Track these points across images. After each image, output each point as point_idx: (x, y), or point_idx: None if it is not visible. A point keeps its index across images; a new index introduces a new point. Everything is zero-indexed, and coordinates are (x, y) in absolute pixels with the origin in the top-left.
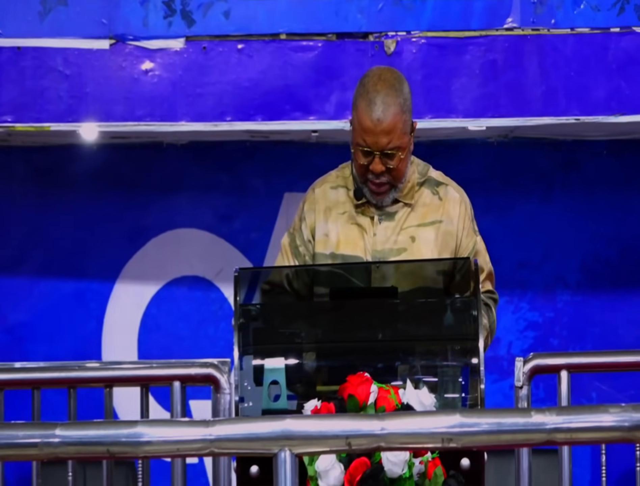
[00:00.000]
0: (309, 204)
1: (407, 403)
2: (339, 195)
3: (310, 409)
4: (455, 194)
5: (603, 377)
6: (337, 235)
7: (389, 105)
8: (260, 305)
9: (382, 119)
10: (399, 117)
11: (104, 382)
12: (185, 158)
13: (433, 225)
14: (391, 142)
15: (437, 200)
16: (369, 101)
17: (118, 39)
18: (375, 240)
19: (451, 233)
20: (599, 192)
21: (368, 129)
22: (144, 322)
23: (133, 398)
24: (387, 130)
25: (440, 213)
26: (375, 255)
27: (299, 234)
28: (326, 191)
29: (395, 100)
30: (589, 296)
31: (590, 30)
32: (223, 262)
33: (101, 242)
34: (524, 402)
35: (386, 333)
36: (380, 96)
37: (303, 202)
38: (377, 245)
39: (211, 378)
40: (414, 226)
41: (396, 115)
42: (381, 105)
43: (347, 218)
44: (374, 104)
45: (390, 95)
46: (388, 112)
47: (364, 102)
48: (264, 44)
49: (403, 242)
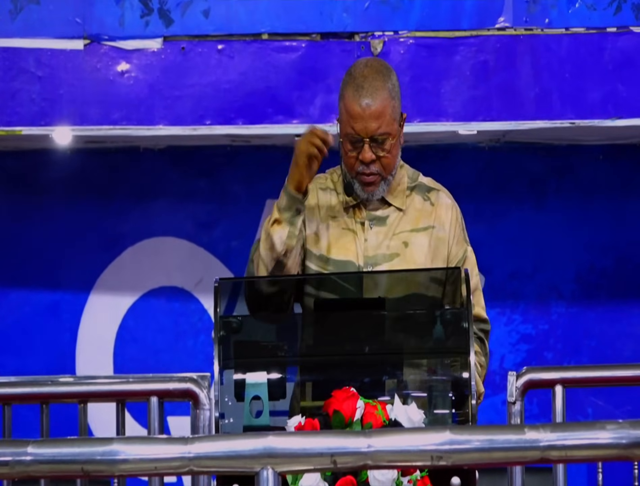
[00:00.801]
0: None
1: (395, 420)
2: (329, 198)
3: (293, 425)
4: (447, 200)
5: (599, 392)
6: (328, 238)
7: (377, 89)
8: (241, 317)
9: (370, 103)
10: (388, 101)
11: (78, 398)
12: (163, 163)
13: (426, 231)
14: (380, 127)
15: (428, 206)
16: (356, 86)
17: (93, 39)
18: (366, 245)
19: (443, 239)
20: (595, 198)
21: (356, 114)
22: (120, 335)
23: (108, 414)
24: (376, 114)
25: (433, 218)
26: (367, 261)
27: None
28: (316, 190)
29: (383, 85)
30: (584, 307)
31: (586, 30)
32: (202, 272)
33: (75, 251)
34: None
35: (373, 346)
36: (368, 80)
37: None
38: (369, 250)
39: (190, 393)
40: (406, 231)
41: (385, 100)
42: (369, 88)
43: (337, 223)
44: (361, 88)
45: (378, 79)
46: (376, 96)
47: (351, 89)
48: (245, 44)
49: (396, 247)
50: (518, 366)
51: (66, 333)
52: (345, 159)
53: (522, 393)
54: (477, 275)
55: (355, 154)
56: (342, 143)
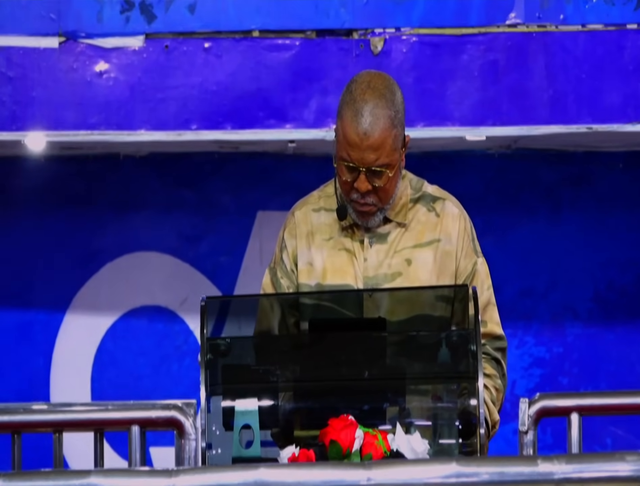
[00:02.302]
0: (289, 230)
1: (396, 450)
2: (323, 218)
3: (287, 457)
4: (454, 209)
5: (619, 421)
6: (323, 263)
7: (378, 118)
8: (230, 338)
9: (369, 133)
10: (389, 131)
11: (53, 427)
12: (145, 172)
13: (431, 245)
14: (379, 159)
15: (434, 217)
16: (355, 111)
17: (69, 36)
18: (366, 265)
19: (450, 253)
20: (614, 210)
21: (353, 143)
22: (98, 358)
23: (86, 444)
24: (375, 146)
25: (438, 231)
26: (367, 283)
27: (280, 267)
28: (308, 214)
29: (385, 112)
30: (602, 328)
31: (604, 27)
32: (188, 290)
33: (49, 267)
34: (529, 449)
35: (373, 370)
36: (369, 107)
37: (283, 229)
38: (369, 270)
39: (174, 422)
40: (409, 248)
41: (385, 130)
42: (369, 117)
43: (333, 244)
44: (360, 116)
45: (380, 106)
46: (376, 126)
47: (349, 112)
48: (234, 43)
49: (397, 266)
50: (530, 393)
51: (40, 356)
52: (340, 182)
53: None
54: (489, 289)
55: (350, 181)
56: (337, 166)
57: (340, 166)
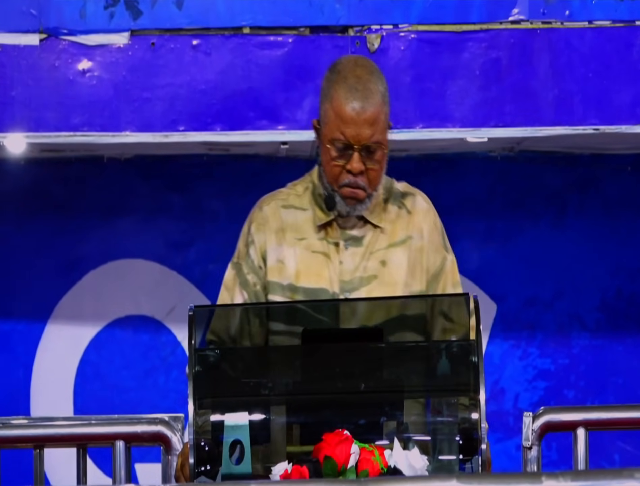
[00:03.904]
0: (256, 225)
1: (394, 467)
2: (294, 217)
3: (279, 474)
4: (424, 204)
5: (627, 436)
6: (296, 264)
7: (372, 93)
8: (219, 349)
9: (366, 107)
10: (382, 107)
11: (34, 442)
12: (130, 175)
13: (404, 244)
14: (374, 135)
15: (404, 214)
16: (348, 87)
17: (50, 33)
18: (342, 268)
19: (422, 249)
20: (622, 215)
21: (349, 119)
22: (81, 370)
23: (68, 460)
24: (371, 120)
25: (410, 227)
26: (343, 286)
27: (246, 262)
28: (277, 209)
29: (377, 88)
30: (610, 339)
31: (612, 23)
32: (175, 299)
33: (29, 275)
34: (533, 465)
35: (369, 383)
36: (362, 82)
37: (248, 223)
38: (345, 274)
39: (161, 437)
40: (383, 249)
41: (379, 105)
42: (364, 91)
43: (306, 245)
44: (355, 90)
45: (372, 81)
46: (372, 100)
47: (342, 89)
48: (223, 40)
49: (373, 269)
50: (535, 407)
51: (19, 368)
52: (329, 168)
53: (539, 436)
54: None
55: (341, 163)
56: (326, 150)
57: (331, 149)
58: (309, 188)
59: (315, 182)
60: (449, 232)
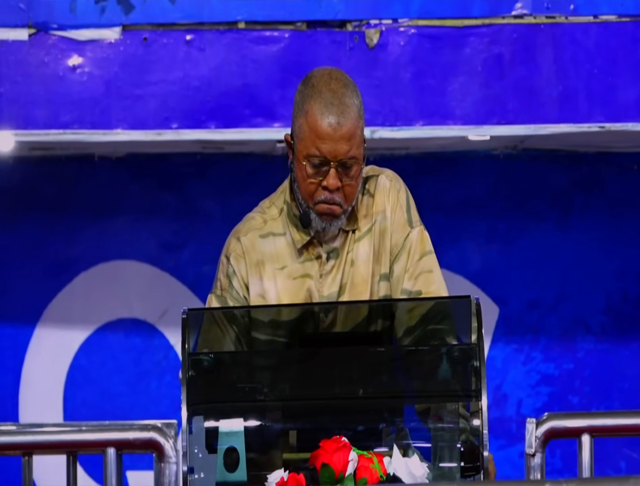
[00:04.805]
0: (235, 256)
1: (393, 474)
2: (273, 245)
3: (275, 481)
4: (386, 182)
5: (633, 443)
6: (277, 295)
7: (348, 107)
8: (213, 354)
9: (342, 123)
10: (358, 122)
11: (22, 449)
12: (122, 174)
13: (369, 233)
14: (350, 150)
15: (368, 199)
16: (324, 102)
17: (39, 28)
18: (322, 283)
19: (386, 229)
20: (628, 216)
21: (325, 135)
22: (71, 375)
23: (57, 468)
24: (347, 135)
25: (373, 212)
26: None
27: (230, 294)
28: (255, 241)
29: (353, 101)
30: (615, 343)
31: (618, 18)
32: (168, 302)
33: (18, 277)
34: (537, 473)
35: (368, 388)
36: (338, 96)
37: (225, 255)
38: (324, 289)
39: (153, 443)
40: (353, 248)
41: (356, 119)
42: (340, 105)
43: (288, 272)
44: (331, 105)
45: (348, 95)
46: (348, 115)
47: (317, 104)
48: (218, 35)
49: (346, 273)
50: (538, 413)
51: (8, 373)
52: (304, 185)
53: (543, 443)
54: (423, 257)
55: (317, 180)
56: (301, 167)
57: (306, 166)
58: (283, 210)
59: (288, 201)
60: (450, 232)
